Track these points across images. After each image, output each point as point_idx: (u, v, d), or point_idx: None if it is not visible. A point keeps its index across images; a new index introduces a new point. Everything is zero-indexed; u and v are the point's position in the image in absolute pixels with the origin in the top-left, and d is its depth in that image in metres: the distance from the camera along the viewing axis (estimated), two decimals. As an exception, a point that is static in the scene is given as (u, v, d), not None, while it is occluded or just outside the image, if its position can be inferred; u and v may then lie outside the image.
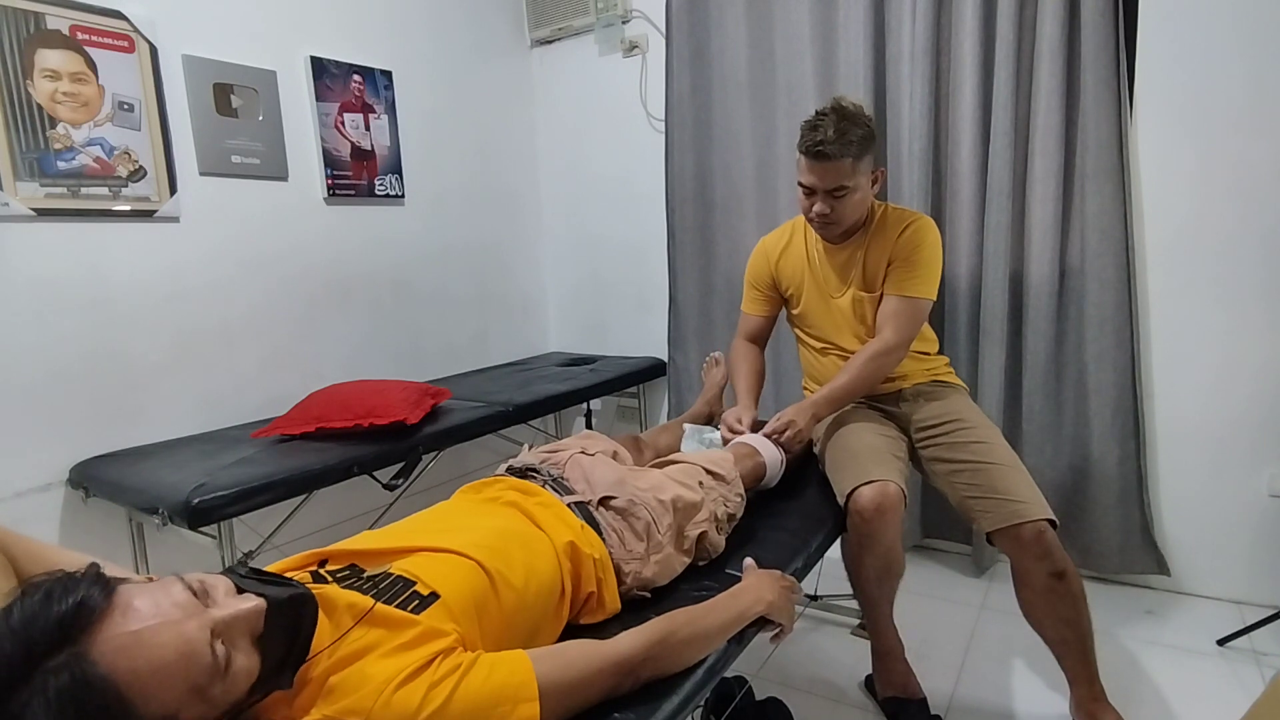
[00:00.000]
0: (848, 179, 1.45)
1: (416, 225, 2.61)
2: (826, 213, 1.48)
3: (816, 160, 1.44)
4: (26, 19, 1.66)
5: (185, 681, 0.62)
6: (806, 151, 1.45)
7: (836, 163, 1.43)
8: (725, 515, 1.30)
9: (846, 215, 1.50)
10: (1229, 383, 1.91)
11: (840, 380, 1.52)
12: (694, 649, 0.96)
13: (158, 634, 0.62)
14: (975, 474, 1.44)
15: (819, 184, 1.46)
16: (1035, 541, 1.34)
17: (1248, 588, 1.95)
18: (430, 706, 0.71)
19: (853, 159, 1.44)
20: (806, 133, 1.45)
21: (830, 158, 1.42)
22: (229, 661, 0.65)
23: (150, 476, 1.62)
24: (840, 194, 1.46)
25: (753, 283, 1.77)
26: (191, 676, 0.63)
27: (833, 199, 1.47)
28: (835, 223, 1.51)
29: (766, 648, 1.78)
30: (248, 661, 0.67)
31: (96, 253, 1.80)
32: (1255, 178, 1.81)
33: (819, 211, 1.49)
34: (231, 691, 0.66)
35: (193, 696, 0.63)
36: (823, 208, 1.48)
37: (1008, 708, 1.61)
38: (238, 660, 0.66)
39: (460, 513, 1.11)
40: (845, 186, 1.45)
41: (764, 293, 1.75)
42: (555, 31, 2.90)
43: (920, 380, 1.65)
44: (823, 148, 1.42)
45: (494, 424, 2.09)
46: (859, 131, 1.43)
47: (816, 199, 1.48)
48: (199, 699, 0.64)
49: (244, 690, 0.68)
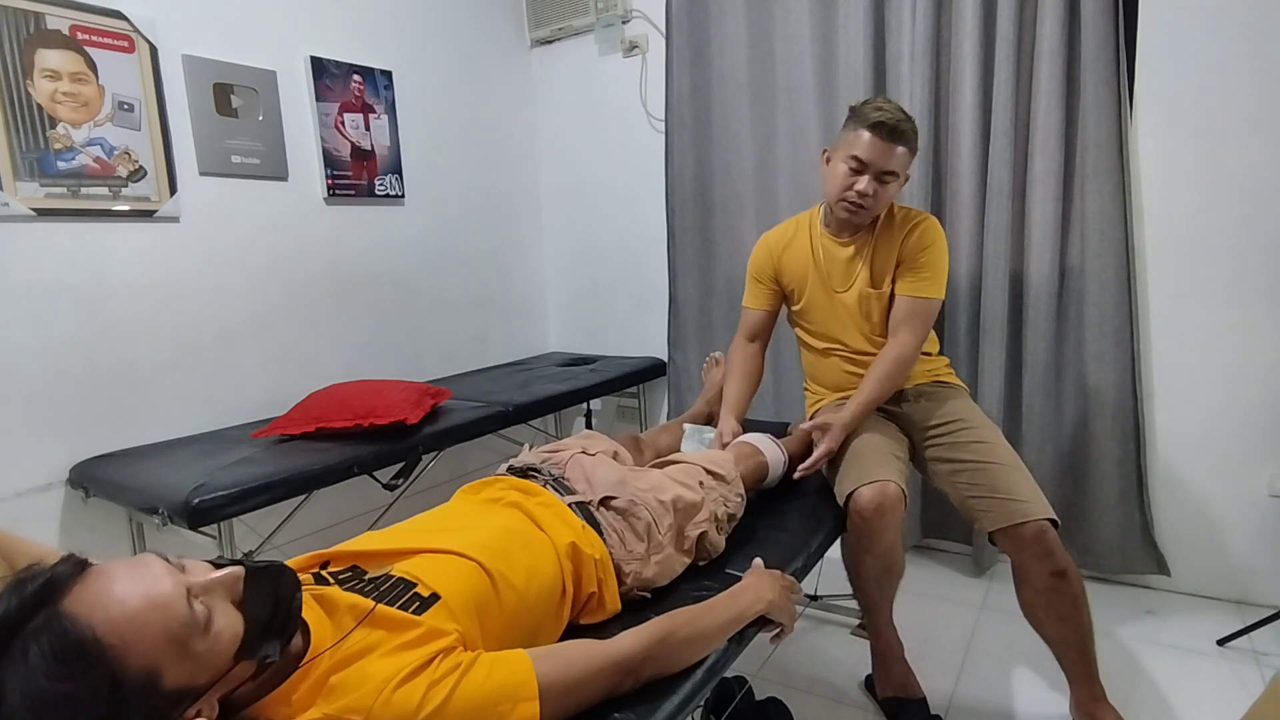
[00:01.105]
0: (901, 167, 1.46)
1: (416, 225, 2.61)
2: (870, 193, 1.45)
3: (887, 138, 1.42)
4: (26, 19, 1.66)
5: (164, 632, 0.62)
6: (877, 126, 1.41)
7: (903, 146, 1.43)
8: (725, 515, 1.30)
9: (881, 202, 1.49)
10: (1229, 383, 1.91)
11: (868, 391, 1.51)
12: (694, 648, 0.96)
13: (131, 587, 0.62)
14: (976, 473, 1.44)
15: (877, 162, 1.43)
16: (1036, 541, 1.34)
17: (1248, 588, 1.95)
18: (430, 705, 0.72)
19: (911, 151, 1.46)
20: (872, 110, 1.43)
21: (901, 138, 1.42)
22: (210, 620, 0.65)
23: (150, 476, 1.62)
24: (888, 179, 1.45)
25: (755, 275, 1.76)
26: (170, 628, 0.62)
27: (879, 181, 1.45)
28: (870, 208, 1.49)
29: (766, 648, 1.78)
30: (230, 622, 0.67)
31: (96, 253, 1.80)
32: (1255, 178, 1.81)
33: (862, 191, 1.45)
34: (216, 652, 0.66)
35: (175, 651, 0.63)
36: (867, 188, 1.45)
37: (1008, 708, 1.61)
38: (219, 620, 0.66)
39: (461, 514, 1.11)
40: (895, 173, 1.45)
41: (766, 286, 1.74)
42: (555, 31, 2.90)
43: (922, 381, 1.64)
44: (899, 125, 1.41)
45: (494, 424, 2.09)
46: (915, 127, 1.46)
47: (864, 178, 1.45)
48: (182, 655, 0.63)
49: (230, 651, 0.66)
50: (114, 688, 0.60)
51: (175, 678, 0.63)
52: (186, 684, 0.64)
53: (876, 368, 1.53)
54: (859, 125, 1.45)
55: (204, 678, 0.65)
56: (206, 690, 0.66)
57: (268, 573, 0.72)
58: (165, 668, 0.62)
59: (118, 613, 0.61)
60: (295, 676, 0.73)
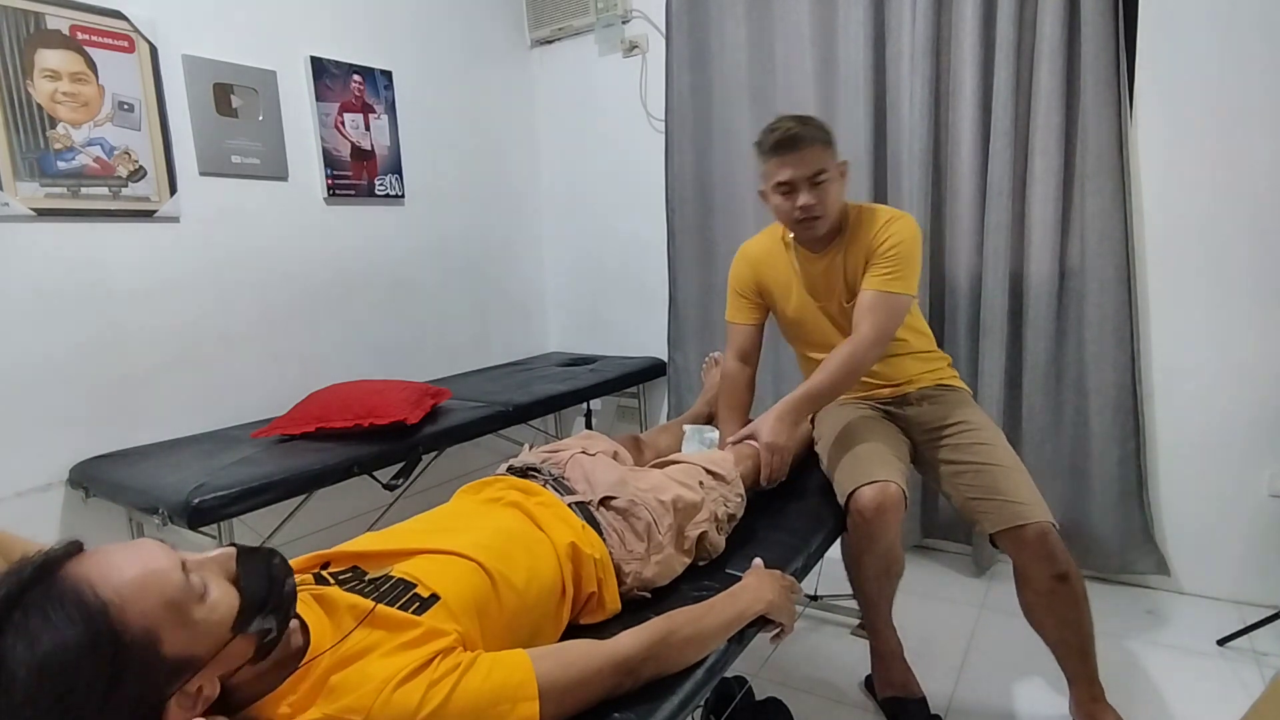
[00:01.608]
0: (825, 163, 1.44)
1: (416, 225, 2.61)
2: (813, 203, 1.44)
3: (791, 149, 1.42)
4: (26, 19, 1.66)
5: (161, 596, 0.63)
6: (777, 146, 1.43)
7: (810, 147, 1.42)
8: (725, 515, 1.30)
9: (830, 206, 1.47)
10: (1229, 383, 1.91)
11: (818, 378, 1.46)
12: (694, 648, 0.96)
13: (128, 557, 0.64)
14: (978, 475, 1.44)
15: (798, 173, 1.43)
16: (1038, 543, 1.34)
17: (1248, 588, 1.95)
18: (430, 705, 0.72)
19: (822, 144, 1.44)
20: (768, 134, 1.45)
21: (804, 140, 1.42)
22: (206, 590, 0.67)
23: (150, 476, 1.62)
24: (821, 179, 1.44)
25: (737, 289, 1.71)
26: (167, 593, 0.63)
27: (814, 187, 1.44)
28: (822, 215, 1.46)
29: (766, 648, 1.78)
30: (226, 594, 0.68)
31: (96, 253, 1.80)
32: (1256, 178, 1.81)
33: (804, 204, 1.44)
34: (214, 622, 0.66)
35: (173, 616, 0.63)
36: (808, 198, 1.44)
37: (1008, 708, 1.61)
38: (214, 591, 0.67)
39: (461, 514, 1.11)
40: (824, 170, 1.43)
41: (749, 299, 1.70)
42: (555, 31, 2.90)
43: (926, 384, 1.63)
44: (794, 132, 1.42)
45: (494, 424, 2.09)
46: (815, 122, 1.45)
47: (799, 193, 1.45)
48: (180, 621, 0.64)
49: (227, 622, 0.67)
50: (116, 646, 0.60)
51: (174, 645, 0.64)
52: (186, 653, 0.64)
53: (829, 358, 1.47)
54: (766, 155, 1.47)
55: (203, 648, 0.66)
56: (206, 663, 0.66)
57: (259, 554, 0.74)
58: (164, 633, 0.63)
59: (115, 576, 0.62)
60: (295, 676, 0.73)
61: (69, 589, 0.60)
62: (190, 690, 0.65)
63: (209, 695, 0.67)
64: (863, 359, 1.46)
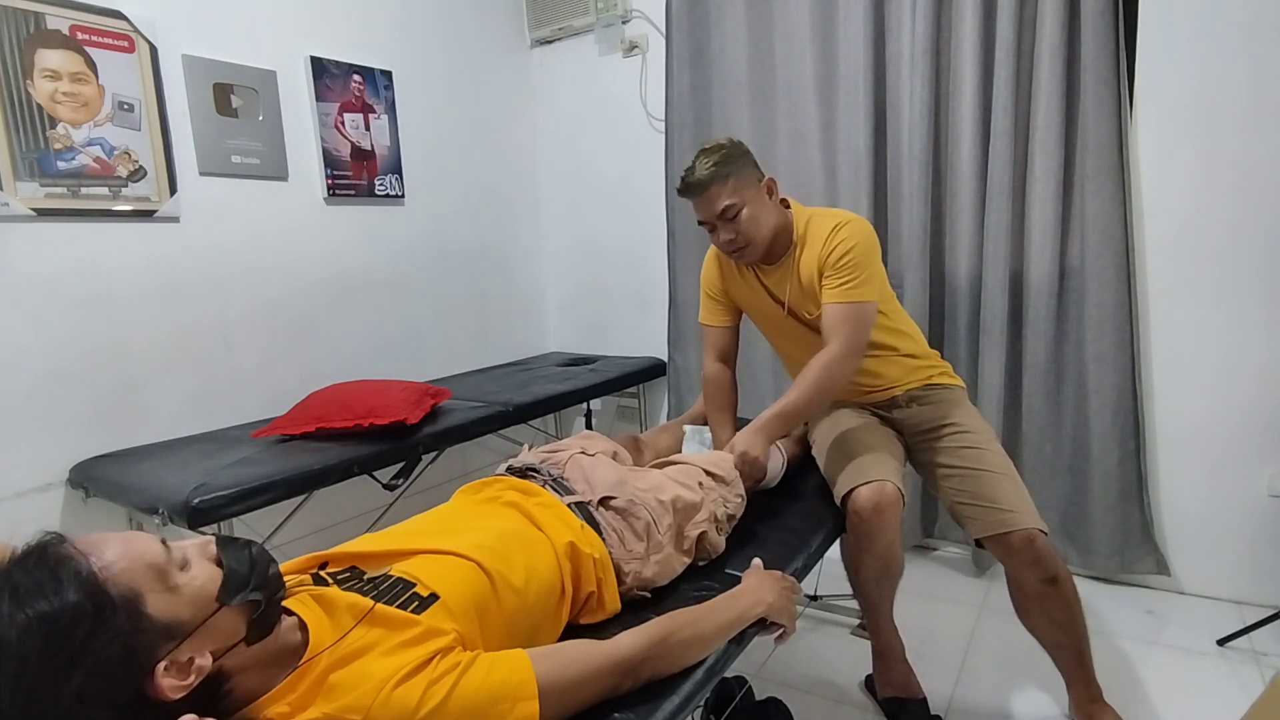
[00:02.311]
0: (728, 198, 1.43)
1: (416, 225, 2.61)
2: (733, 238, 1.46)
3: (698, 194, 1.45)
4: (26, 19, 1.66)
5: (142, 559, 0.67)
6: (684, 191, 1.47)
7: (709, 187, 1.43)
8: (725, 516, 1.30)
9: (752, 232, 1.46)
10: (1229, 383, 1.91)
11: (791, 396, 1.44)
12: (694, 650, 0.96)
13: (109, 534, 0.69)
14: (965, 479, 1.44)
15: (709, 213, 1.46)
16: (1025, 548, 1.34)
17: (1248, 588, 1.95)
18: (429, 704, 0.72)
19: (723, 179, 1.43)
20: (681, 181, 1.48)
21: (702, 185, 1.43)
22: (186, 562, 0.71)
23: (150, 476, 1.62)
24: (731, 213, 1.44)
25: (708, 291, 1.72)
26: (146, 557, 0.67)
27: (728, 222, 1.45)
28: (747, 244, 1.47)
29: (766, 648, 1.78)
30: (208, 569, 0.72)
31: (96, 253, 1.80)
32: (1255, 178, 1.81)
33: (725, 239, 1.47)
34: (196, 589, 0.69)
35: (155, 577, 0.67)
36: (727, 234, 1.46)
37: (1008, 708, 1.61)
38: (196, 566, 0.71)
39: (460, 514, 1.11)
40: (731, 205, 1.44)
41: (719, 301, 1.71)
42: (555, 31, 2.90)
43: (914, 386, 1.60)
44: (687, 179, 1.45)
45: (494, 424, 2.09)
46: (717, 155, 1.44)
47: (718, 230, 1.48)
48: (162, 583, 0.67)
49: (211, 592, 0.70)
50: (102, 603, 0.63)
51: (158, 607, 0.66)
52: (171, 616, 0.66)
53: (802, 375, 1.45)
54: (681, 196, 1.50)
55: (188, 614, 0.68)
56: (193, 631, 0.67)
57: (238, 541, 0.78)
58: (147, 594, 0.66)
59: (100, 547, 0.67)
60: (294, 675, 0.73)
61: (57, 558, 0.64)
62: (180, 659, 0.66)
63: (201, 666, 0.67)
64: (836, 375, 1.43)
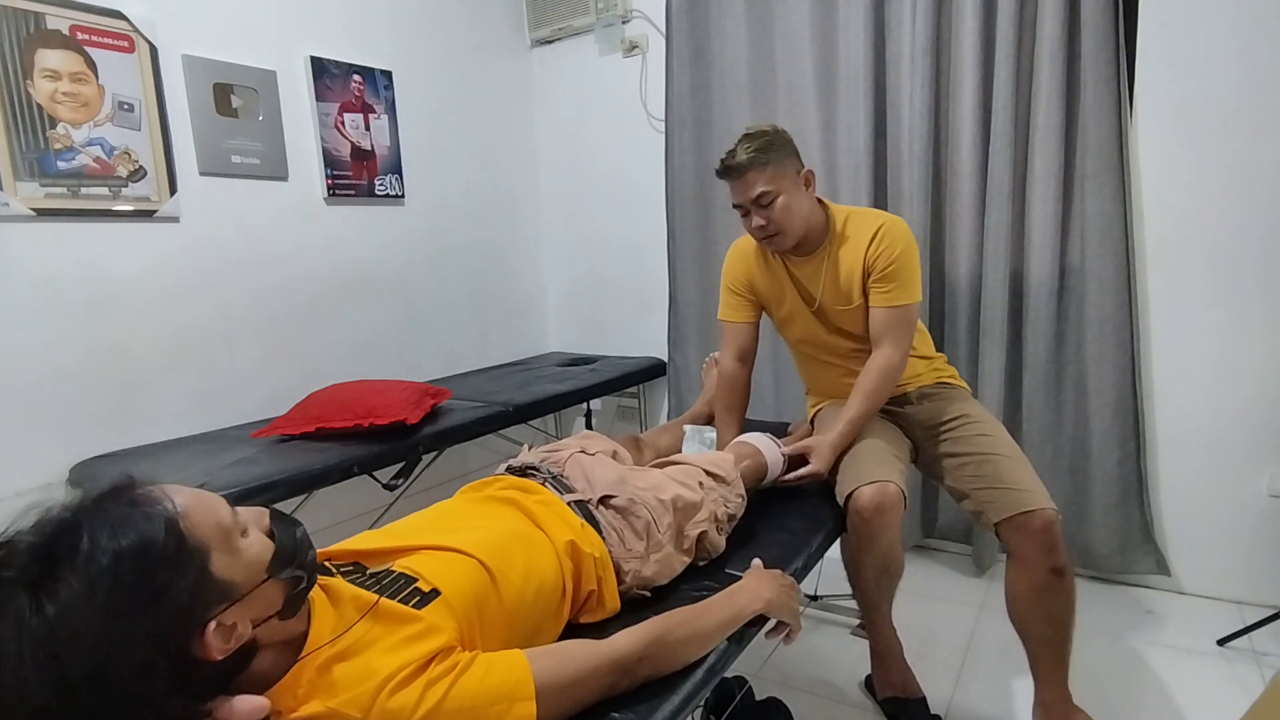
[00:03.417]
0: (764, 184, 1.46)
1: (416, 225, 2.61)
2: (764, 224, 1.49)
3: (737, 177, 1.48)
4: (26, 19, 1.66)
5: (213, 518, 0.69)
6: (723, 174, 1.50)
7: (748, 172, 1.46)
8: (725, 515, 1.30)
9: (784, 221, 1.49)
10: (1229, 383, 1.91)
11: (859, 406, 1.50)
12: (691, 648, 0.96)
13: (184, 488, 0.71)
14: (982, 465, 1.44)
15: (740, 198, 1.49)
16: (1044, 532, 1.34)
17: (1248, 588, 1.95)
18: (427, 704, 0.72)
19: (761, 165, 1.46)
20: (719, 163, 1.50)
21: (742, 168, 1.46)
22: (246, 529, 0.72)
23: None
24: (766, 200, 1.47)
25: (731, 286, 1.71)
26: (217, 518, 0.69)
27: (762, 208, 1.48)
28: (777, 231, 1.50)
29: (766, 648, 1.78)
30: (262, 539, 0.73)
31: (96, 253, 1.80)
32: (1255, 178, 1.81)
33: (757, 225, 1.50)
34: (253, 557, 0.70)
35: (221, 538, 0.68)
36: (759, 219, 1.49)
37: (1008, 708, 1.61)
38: (253, 534, 0.72)
39: (461, 511, 1.11)
40: (767, 191, 1.46)
41: (743, 297, 1.70)
42: (555, 31, 2.90)
43: (925, 383, 1.65)
44: (727, 161, 1.48)
45: (494, 424, 2.09)
46: (760, 141, 1.46)
47: (750, 216, 1.50)
48: (226, 544, 0.69)
49: (263, 561, 0.71)
50: (179, 546, 0.64)
51: (220, 566, 0.67)
52: (228, 578, 0.68)
53: (863, 382, 1.52)
54: (720, 178, 1.52)
55: (241, 577, 0.69)
56: (242, 597, 0.68)
57: (288, 518, 0.79)
58: (213, 551, 0.67)
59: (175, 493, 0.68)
60: (299, 666, 0.73)
61: (147, 496, 0.66)
62: (227, 622, 0.67)
63: (241, 633, 0.68)
64: (892, 377, 1.54)
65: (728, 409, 1.72)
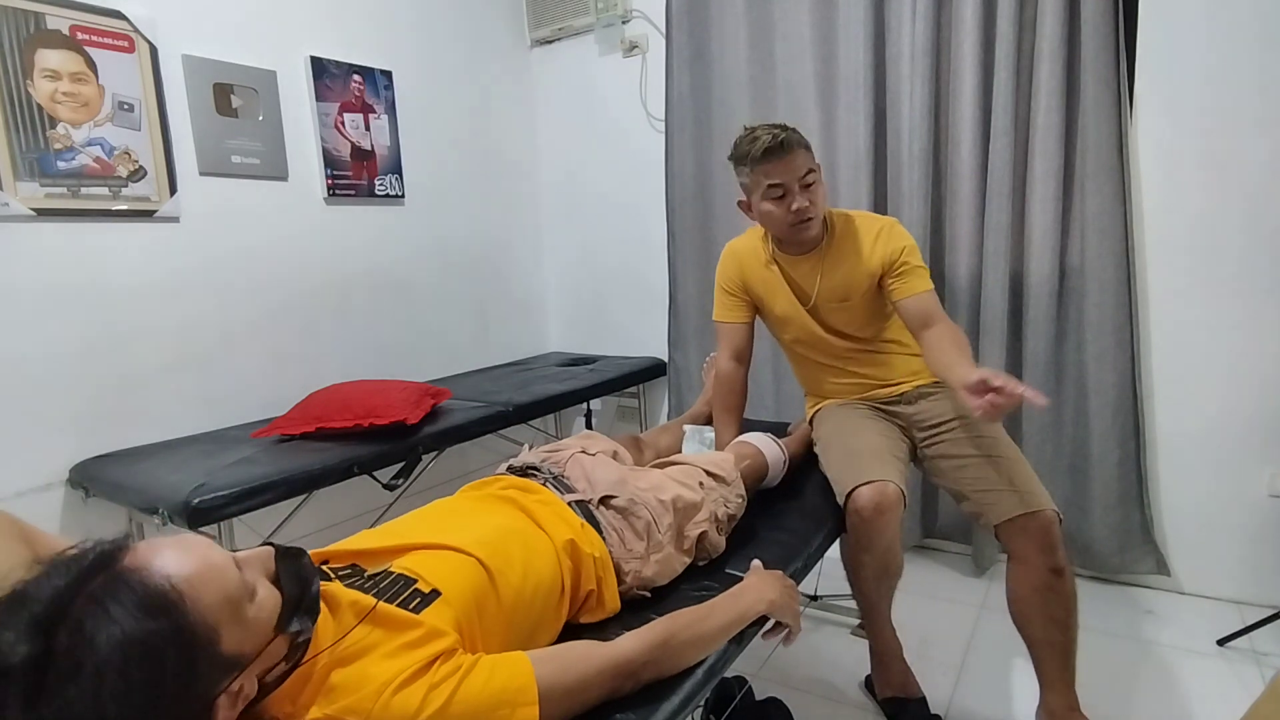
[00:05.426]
0: (811, 164, 1.47)
1: (416, 225, 2.61)
2: (806, 205, 1.47)
3: (781, 154, 1.44)
4: (26, 19, 1.66)
5: (222, 592, 0.64)
6: (768, 153, 1.45)
7: (796, 150, 1.45)
8: (726, 516, 1.30)
9: (820, 207, 1.50)
10: (1229, 383, 1.91)
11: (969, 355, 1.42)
12: (695, 651, 0.96)
13: (186, 553, 0.64)
14: (982, 466, 1.44)
15: (790, 177, 1.46)
16: (1045, 532, 1.33)
17: (1248, 588, 1.95)
18: (430, 708, 0.71)
19: (805, 147, 1.47)
20: (751, 143, 1.46)
21: (791, 145, 1.44)
22: (254, 589, 0.68)
23: (150, 476, 1.62)
24: (810, 181, 1.47)
25: (725, 287, 1.71)
26: (226, 589, 0.64)
27: (805, 189, 1.47)
28: (814, 215, 1.50)
29: (766, 647, 1.78)
30: (270, 593, 0.69)
31: (96, 253, 1.80)
32: (1255, 177, 1.81)
33: (799, 207, 1.47)
34: (261, 621, 0.67)
35: (231, 613, 0.64)
36: (802, 200, 1.47)
37: (1008, 708, 1.61)
38: (261, 590, 0.68)
39: (459, 510, 1.11)
40: (813, 170, 1.47)
41: (738, 297, 1.70)
42: (555, 31, 2.90)
43: (923, 383, 1.64)
44: (781, 137, 1.44)
45: (494, 424, 2.09)
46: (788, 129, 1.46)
47: (793, 196, 1.47)
48: (236, 618, 0.64)
49: (271, 622, 0.68)
50: (189, 636, 0.60)
51: (229, 642, 0.64)
52: (237, 650, 0.65)
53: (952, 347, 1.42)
54: (754, 165, 1.47)
55: (250, 646, 0.66)
56: (250, 662, 0.66)
57: (292, 553, 0.75)
58: (223, 629, 0.63)
59: (184, 567, 0.62)
60: (299, 674, 0.73)
61: (146, 578, 0.60)
62: (234, 690, 0.65)
63: (248, 694, 0.67)
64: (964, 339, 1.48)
65: (726, 409, 1.72)
